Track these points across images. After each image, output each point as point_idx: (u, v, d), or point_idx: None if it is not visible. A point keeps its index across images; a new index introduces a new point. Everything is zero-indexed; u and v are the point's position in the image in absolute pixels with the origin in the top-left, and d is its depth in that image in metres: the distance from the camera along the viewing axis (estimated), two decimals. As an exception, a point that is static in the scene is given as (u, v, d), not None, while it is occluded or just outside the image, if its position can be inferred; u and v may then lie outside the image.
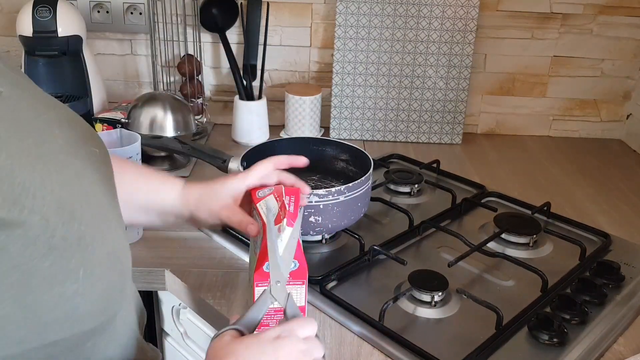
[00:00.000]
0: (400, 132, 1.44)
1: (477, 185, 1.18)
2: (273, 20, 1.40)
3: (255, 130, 1.35)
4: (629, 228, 1.07)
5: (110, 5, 1.39)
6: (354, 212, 0.91)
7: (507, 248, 0.97)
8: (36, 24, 1.18)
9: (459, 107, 1.41)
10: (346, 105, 1.41)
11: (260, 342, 0.53)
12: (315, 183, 1.05)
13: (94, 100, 1.26)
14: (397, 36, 1.36)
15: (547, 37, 1.41)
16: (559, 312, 0.81)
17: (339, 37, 1.37)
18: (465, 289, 0.83)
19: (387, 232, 1.00)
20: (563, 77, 1.45)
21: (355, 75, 1.39)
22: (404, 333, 0.76)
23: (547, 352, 0.75)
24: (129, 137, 0.95)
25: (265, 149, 1.01)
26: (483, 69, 1.44)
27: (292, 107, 1.36)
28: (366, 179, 0.91)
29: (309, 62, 1.46)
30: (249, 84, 1.35)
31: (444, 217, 1.06)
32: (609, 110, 1.49)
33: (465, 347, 0.74)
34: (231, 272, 0.90)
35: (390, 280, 0.88)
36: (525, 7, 1.38)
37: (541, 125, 1.50)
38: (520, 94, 1.47)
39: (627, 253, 0.98)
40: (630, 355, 0.76)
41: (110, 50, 1.45)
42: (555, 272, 0.89)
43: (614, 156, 1.41)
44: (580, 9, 1.38)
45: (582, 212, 1.12)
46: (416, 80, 1.40)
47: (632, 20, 1.39)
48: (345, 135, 1.43)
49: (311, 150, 1.05)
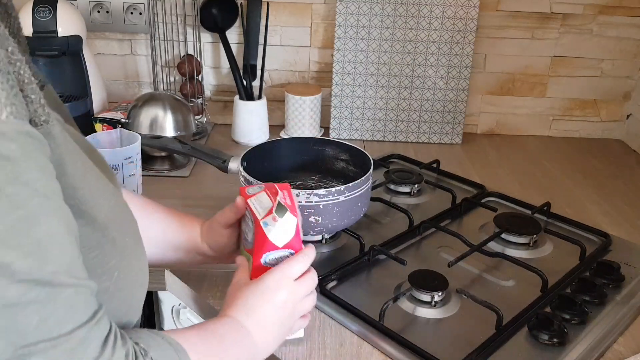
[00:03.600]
0: (400, 132, 1.44)
1: (477, 185, 1.18)
2: (273, 20, 1.40)
3: (255, 130, 1.35)
4: (629, 228, 1.07)
5: (110, 5, 1.39)
6: (354, 212, 0.91)
7: (507, 248, 0.97)
8: (36, 24, 1.18)
9: (459, 107, 1.41)
10: (346, 105, 1.41)
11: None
12: (315, 183, 1.05)
13: (94, 100, 1.26)
14: (397, 36, 1.36)
15: (547, 37, 1.41)
16: (559, 312, 0.81)
17: (339, 37, 1.37)
18: (465, 289, 0.83)
19: (387, 232, 1.00)
20: (563, 77, 1.45)
21: (355, 75, 1.39)
22: (403, 333, 0.76)
23: (547, 352, 0.75)
24: (128, 137, 0.95)
25: (265, 149, 1.01)
26: (483, 69, 1.44)
27: (292, 107, 1.36)
28: (366, 179, 0.91)
29: (309, 62, 1.46)
30: (249, 84, 1.35)
31: (444, 217, 1.06)
32: (609, 110, 1.49)
33: (465, 347, 0.74)
34: (231, 272, 0.89)
35: (390, 280, 0.88)
36: (525, 7, 1.38)
37: (541, 125, 1.50)
38: (520, 94, 1.47)
39: (627, 253, 0.98)
40: (630, 355, 0.76)
41: (110, 50, 1.45)
42: (555, 272, 0.89)
43: (614, 156, 1.41)
44: (580, 9, 1.38)
45: (582, 212, 1.12)
46: (416, 80, 1.40)
47: (632, 20, 1.39)
48: (345, 135, 1.43)
49: (311, 150, 1.05)
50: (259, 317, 0.62)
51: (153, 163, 1.22)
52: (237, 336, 0.60)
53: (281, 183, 0.74)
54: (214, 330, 0.59)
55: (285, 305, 0.64)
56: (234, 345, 0.59)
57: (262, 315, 0.62)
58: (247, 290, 0.64)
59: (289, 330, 0.66)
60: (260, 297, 0.63)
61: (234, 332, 0.60)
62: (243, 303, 0.63)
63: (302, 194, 0.85)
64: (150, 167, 1.21)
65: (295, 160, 1.05)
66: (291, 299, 0.64)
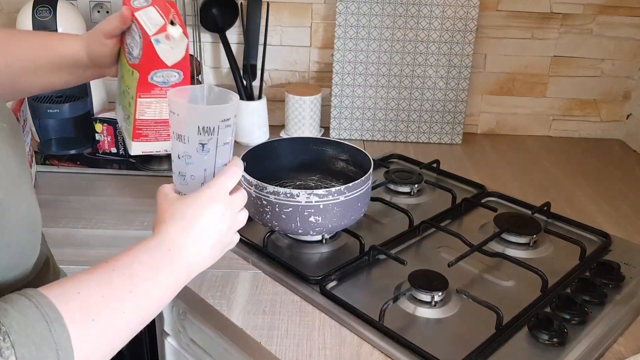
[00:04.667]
0: (400, 132, 1.44)
1: (477, 185, 1.18)
2: (273, 20, 1.40)
3: (255, 130, 1.35)
4: (629, 228, 1.07)
5: (110, 5, 1.39)
6: (354, 212, 0.91)
7: (507, 248, 0.97)
8: (36, 24, 1.18)
9: (459, 107, 1.41)
10: (346, 105, 1.41)
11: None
12: (315, 183, 1.05)
13: (94, 100, 1.26)
14: (397, 36, 1.36)
15: (547, 37, 1.41)
16: (559, 312, 0.81)
17: (339, 37, 1.37)
18: (465, 289, 0.83)
19: (387, 232, 1.00)
20: (563, 77, 1.45)
21: (355, 75, 1.39)
22: (404, 333, 0.76)
23: (547, 352, 0.75)
24: (218, 95, 0.67)
25: (265, 149, 1.01)
26: (483, 69, 1.44)
27: (292, 107, 1.36)
28: (366, 179, 0.91)
29: (309, 62, 1.46)
30: (249, 84, 1.35)
31: (444, 217, 1.06)
32: (609, 110, 1.49)
33: (465, 347, 0.74)
34: (231, 272, 0.90)
35: (390, 280, 0.88)
36: (525, 7, 1.38)
37: (541, 125, 1.50)
38: (520, 94, 1.47)
39: (627, 253, 0.98)
40: (630, 355, 0.76)
41: (110, 50, 1.45)
42: (555, 272, 0.89)
43: (614, 156, 1.41)
44: (580, 9, 1.38)
45: (582, 212, 1.12)
46: (416, 80, 1.40)
47: (632, 20, 1.39)
48: (345, 135, 1.43)
49: (311, 150, 1.05)
50: (196, 231, 0.59)
51: (153, 163, 1.22)
52: (163, 258, 0.57)
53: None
54: (127, 263, 0.54)
55: (223, 218, 0.62)
56: (159, 268, 0.56)
57: (199, 229, 0.60)
58: (182, 204, 0.60)
59: (227, 244, 0.64)
60: (198, 210, 0.60)
61: (158, 254, 0.57)
62: (180, 216, 0.59)
63: (302, 194, 0.85)
64: (150, 167, 1.22)
65: (295, 160, 1.05)
66: (228, 212, 0.63)
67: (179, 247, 0.58)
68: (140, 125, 0.74)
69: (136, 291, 0.53)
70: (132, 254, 0.55)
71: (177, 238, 0.58)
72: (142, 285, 0.53)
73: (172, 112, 0.61)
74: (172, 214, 0.60)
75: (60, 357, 0.44)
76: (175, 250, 0.58)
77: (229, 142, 0.64)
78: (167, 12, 0.68)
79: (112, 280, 0.52)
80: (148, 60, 0.66)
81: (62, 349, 0.44)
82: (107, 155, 1.23)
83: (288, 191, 0.85)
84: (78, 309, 0.47)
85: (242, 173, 0.66)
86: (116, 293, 0.51)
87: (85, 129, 1.23)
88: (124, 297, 0.52)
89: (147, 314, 0.54)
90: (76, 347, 0.45)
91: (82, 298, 0.48)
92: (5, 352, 0.41)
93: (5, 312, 0.43)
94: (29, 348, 0.42)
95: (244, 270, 0.90)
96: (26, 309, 0.44)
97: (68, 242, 0.96)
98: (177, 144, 0.62)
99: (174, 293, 0.58)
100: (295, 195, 0.85)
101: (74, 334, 0.45)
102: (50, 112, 1.16)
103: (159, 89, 0.71)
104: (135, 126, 0.73)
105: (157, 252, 0.57)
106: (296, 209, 0.86)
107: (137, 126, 0.73)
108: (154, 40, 0.65)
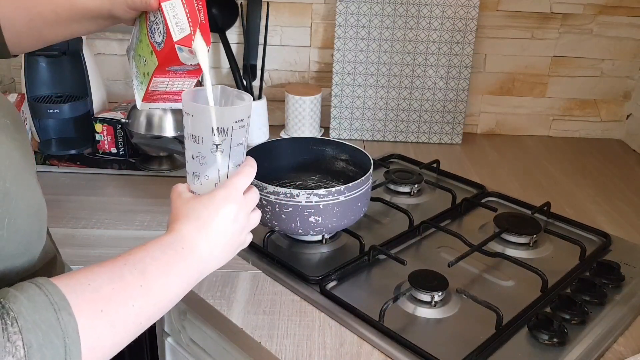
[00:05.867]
0: (400, 132, 1.44)
1: (477, 185, 1.18)
2: (273, 20, 1.40)
3: (255, 130, 1.35)
4: (629, 228, 1.07)
5: (110, 5, 1.39)
6: (354, 212, 0.91)
7: (507, 248, 0.98)
8: None
9: (459, 107, 1.41)
10: (346, 105, 1.41)
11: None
12: (315, 183, 1.05)
13: (94, 100, 1.26)
14: (397, 36, 1.36)
15: (547, 37, 1.41)
16: (559, 312, 0.81)
17: (339, 37, 1.37)
18: (465, 289, 0.83)
19: (387, 232, 1.00)
20: (563, 77, 1.45)
21: (355, 75, 1.39)
22: (403, 333, 0.76)
23: (547, 352, 0.75)
24: (232, 96, 0.69)
25: (265, 149, 1.01)
26: (483, 69, 1.44)
27: (292, 107, 1.36)
28: (366, 179, 0.91)
29: (309, 62, 1.46)
30: (249, 84, 1.35)
31: (444, 217, 1.06)
32: (609, 110, 1.49)
33: (465, 347, 0.74)
34: (231, 272, 0.90)
35: (390, 280, 0.88)
36: (525, 7, 1.38)
37: (541, 125, 1.50)
38: (520, 94, 1.47)
39: (627, 253, 0.98)
40: (630, 355, 0.76)
41: (110, 50, 1.45)
42: (555, 272, 0.89)
43: (614, 156, 1.41)
44: (580, 9, 1.38)
45: (582, 212, 1.12)
46: (416, 80, 1.40)
47: (632, 20, 1.39)
48: (345, 135, 1.43)
49: (311, 150, 1.05)
50: (210, 231, 0.60)
51: (153, 163, 1.22)
52: (176, 256, 0.57)
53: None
54: (139, 258, 0.54)
55: (237, 218, 0.63)
56: (171, 265, 0.56)
57: (213, 229, 0.60)
58: (197, 204, 0.61)
59: (240, 244, 0.65)
60: (213, 211, 0.61)
61: (172, 252, 0.57)
62: (195, 217, 0.60)
63: (302, 194, 0.85)
64: (150, 167, 1.22)
65: (295, 160, 1.05)
66: (242, 212, 0.63)
67: (192, 246, 0.59)
68: (152, 93, 0.75)
69: (147, 286, 0.53)
70: (145, 249, 0.56)
71: (191, 237, 0.59)
72: (153, 281, 0.54)
73: (186, 113, 0.62)
74: (187, 214, 0.61)
75: (67, 344, 0.44)
76: (189, 249, 0.58)
77: (243, 143, 0.65)
78: (193, 12, 0.66)
79: (123, 274, 0.52)
80: (168, 58, 0.66)
81: (70, 337, 0.44)
82: (107, 155, 1.23)
83: (288, 191, 0.85)
84: (87, 299, 0.48)
85: (255, 171, 0.67)
86: (126, 287, 0.51)
87: (85, 129, 1.23)
88: (134, 291, 0.52)
89: (156, 310, 0.54)
90: (83, 336, 0.45)
91: (92, 289, 0.49)
92: (13, 337, 0.42)
93: (15, 298, 0.44)
94: (36, 334, 0.43)
95: (244, 270, 0.90)
96: (35, 296, 0.45)
97: (68, 242, 0.96)
98: (192, 144, 0.63)
99: (184, 291, 0.59)
100: (295, 195, 0.85)
101: (82, 324, 0.46)
102: (50, 112, 1.15)
103: (173, 72, 0.72)
104: (147, 92, 0.74)
105: (171, 249, 0.57)
106: (296, 209, 0.86)
107: (149, 93, 0.75)
108: (177, 47, 0.65)
